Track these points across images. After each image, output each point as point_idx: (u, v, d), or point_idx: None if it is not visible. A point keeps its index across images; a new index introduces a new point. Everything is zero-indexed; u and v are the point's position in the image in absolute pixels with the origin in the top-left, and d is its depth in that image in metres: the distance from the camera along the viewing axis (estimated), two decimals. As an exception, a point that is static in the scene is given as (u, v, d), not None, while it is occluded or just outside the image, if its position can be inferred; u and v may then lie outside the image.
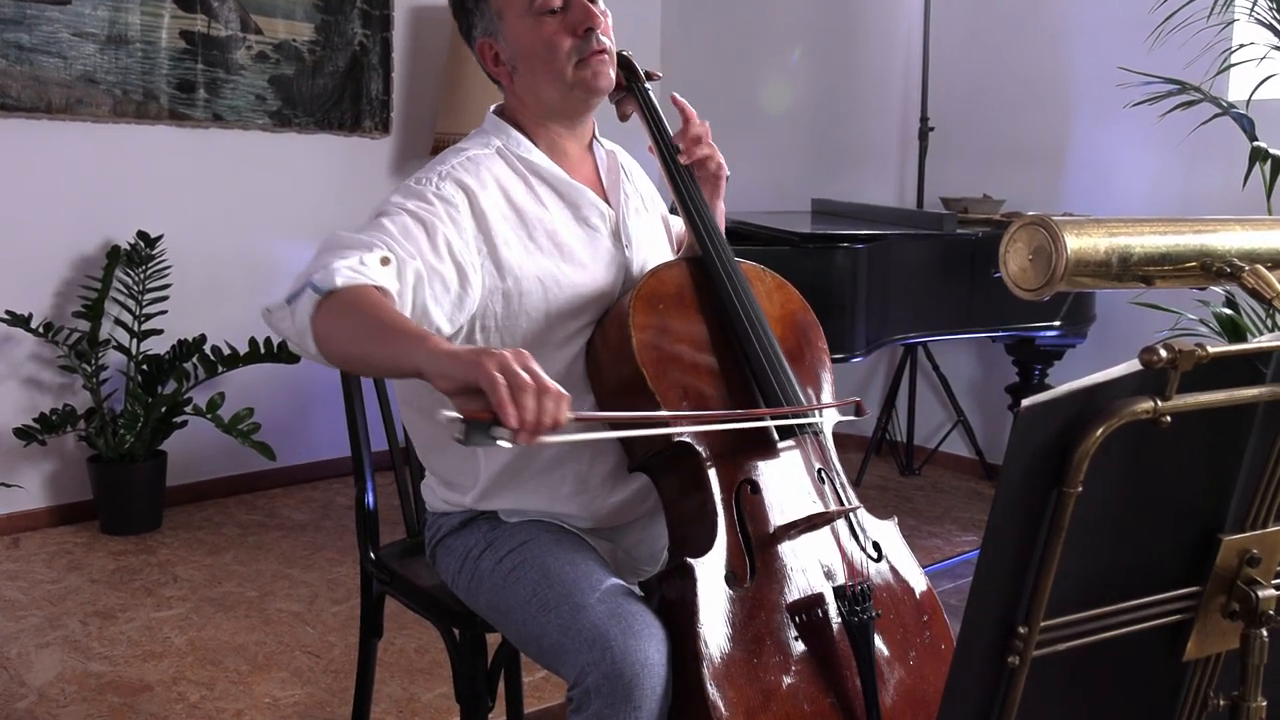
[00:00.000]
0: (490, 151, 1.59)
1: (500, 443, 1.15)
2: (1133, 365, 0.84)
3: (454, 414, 1.15)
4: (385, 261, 1.37)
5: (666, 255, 1.74)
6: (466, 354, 1.18)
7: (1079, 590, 0.89)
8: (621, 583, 1.47)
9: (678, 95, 1.72)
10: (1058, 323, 3.45)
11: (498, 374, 1.14)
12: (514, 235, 1.54)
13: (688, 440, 1.47)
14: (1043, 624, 0.86)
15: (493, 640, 1.72)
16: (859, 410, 1.59)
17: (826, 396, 1.66)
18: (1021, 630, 0.86)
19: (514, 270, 1.53)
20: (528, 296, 1.53)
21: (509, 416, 1.13)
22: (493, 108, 1.68)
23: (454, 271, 1.47)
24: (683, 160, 1.67)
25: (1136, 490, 0.90)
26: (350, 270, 1.33)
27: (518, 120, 1.64)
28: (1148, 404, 0.84)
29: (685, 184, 1.66)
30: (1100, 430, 0.82)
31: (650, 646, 1.35)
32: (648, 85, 1.71)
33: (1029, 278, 1.02)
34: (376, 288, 1.34)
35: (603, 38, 1.57)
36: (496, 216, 1.53)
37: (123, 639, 2.80)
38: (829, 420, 1.62)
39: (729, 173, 1.73)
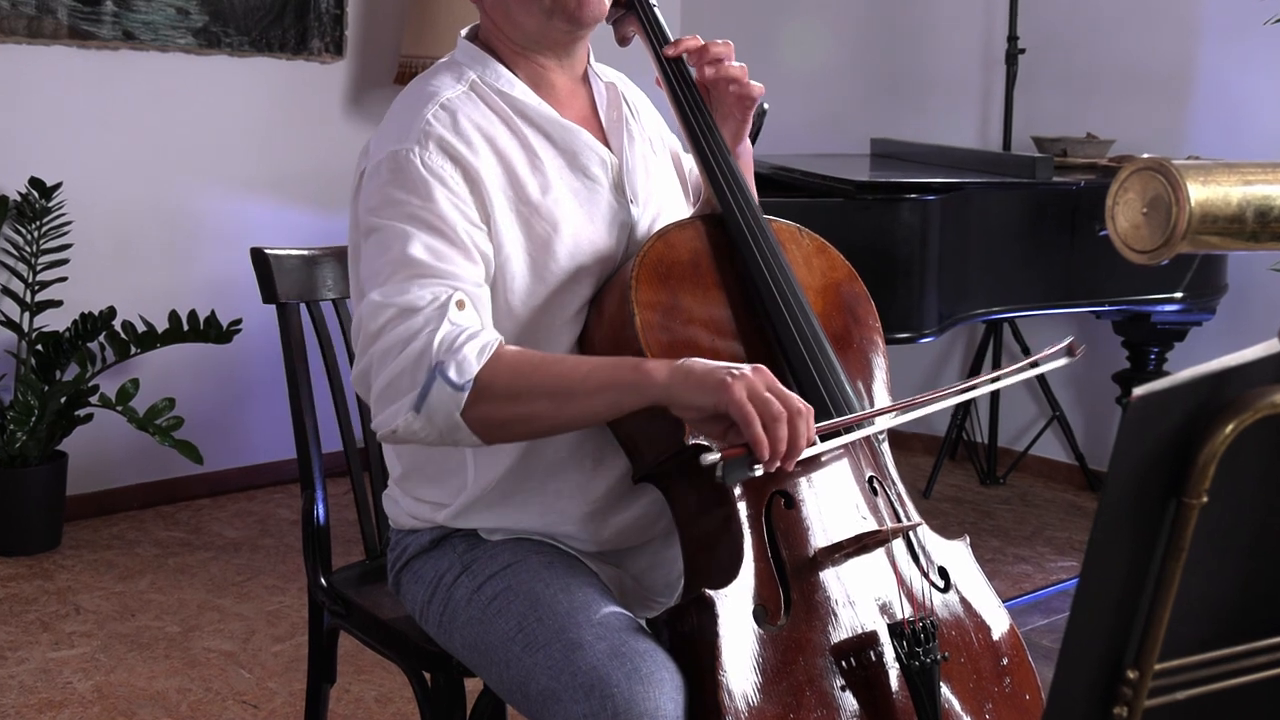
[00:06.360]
0: (463, 89, 1.60)
1: (759, 473, 1.34)
2: (1271, 346, 0.84)
3: (714, 456, 1.32)
4: (461, 305, 1.46)
5: (679, 210, 1.73)
6: (709, 378, 1.34)
7: (1202, 625, 0.89)
8: (627, 614, 1.48)
9: (681, 40, 1.66)
10: (1179, 294, 3.44)
11: (749, 403, 1.30)
12: (505, 203, 1.55)
13: (705, 441, 1.47)
14: (1157, 667, 0.87)
15: (472, 686, 1.73)
16: (1071, 350, 1.56)
17: (880, 386, 1.66)
18: (1131, 675, 0.86)
19: (504, 247, 1.54)
20: (517, 279, 1.55)
21: (764, 450, 1.30)
22: (464, 31, 1.69)
23: (485, 266, 1.53)
24: (709, 73, 1.63)
25: (1275, 501, 0.90)
26: (468, 341, 1.42)
27: (493, 47, 1.64)
28: (1290, 394, 0.84)
29: (701, 122, 1.65)
30: (1230, 427, 0.82)
31: (661, 695, 1.36)
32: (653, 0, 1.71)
33: (1143, 236, 1.01)
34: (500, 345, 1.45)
35: None
36: (489, 182, 1.54)
37: (13, 684, 2.82)
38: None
39: (768, 106, 1.72)
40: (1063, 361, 1.56)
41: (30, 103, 3.72)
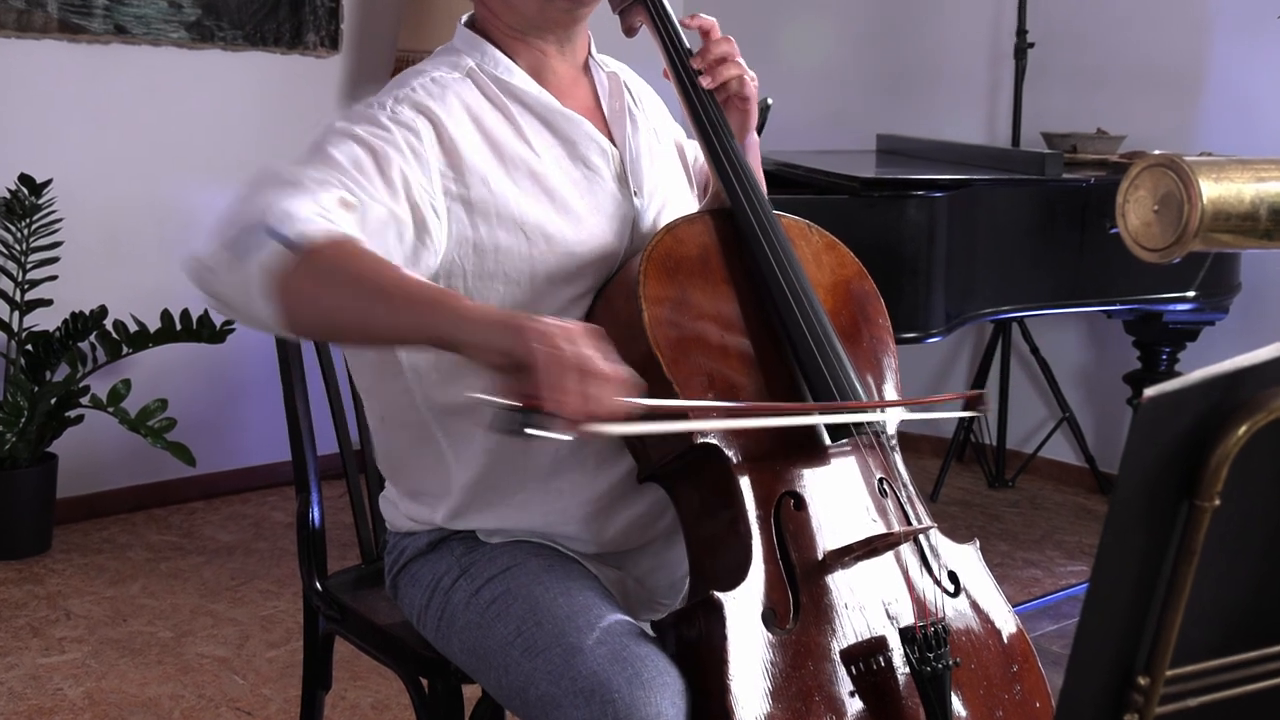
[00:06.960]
0: (459, 75, 1.60)
1: (539, 433, 1.19)
2: (1286, 346, 0.84)
3: (485, 396, 1.20)
4: (346, 205, 1.38)
5: (685, 202, 1.74)
6: (513, 320, 1.24)
7: (1214, 631, 0.89)
8: (628, 619, 1.49)
9: (697, 15, 1.71)
10: (1191, 293, 3.44)
11: (542, 346, 1.19)
12: (491, 170, 1.54)
13: (714, 442, 1.48)
14: (1169, 673, 0.87)
15: (471, 693, 1.73)
16: (978, 403, 1.60)
17: (889, 385, 1.66)
18: (1142, 681, 0.86)
19: (489, 215, 1.53)
20: (505, 252, 1.54)
21: (545, 399, 1.18)
22: (463, 19, 1.69)
23: (409, 216, 1.46)
24: (705, 83, 1.66)
25: (1290, 504, 0.90)
26: (321, 217, 1.32)
27: (491, 35, 1.64)
28: (1305, 395, 0.84)
29: (711, 116, 1.66)
30: (1243, 428, 0.82)
31: (663, 699, 1.36)
32: None
33: (1154, 234, 1.02)
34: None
35: None
36: (469, 147, 1.53)
37: (2, 691, 2.82)
38: (893, 416, 1.63)
39: (772, 101, 1.72)
40: (970, 414, 1.62)
41: (20, 98, 3.72)
